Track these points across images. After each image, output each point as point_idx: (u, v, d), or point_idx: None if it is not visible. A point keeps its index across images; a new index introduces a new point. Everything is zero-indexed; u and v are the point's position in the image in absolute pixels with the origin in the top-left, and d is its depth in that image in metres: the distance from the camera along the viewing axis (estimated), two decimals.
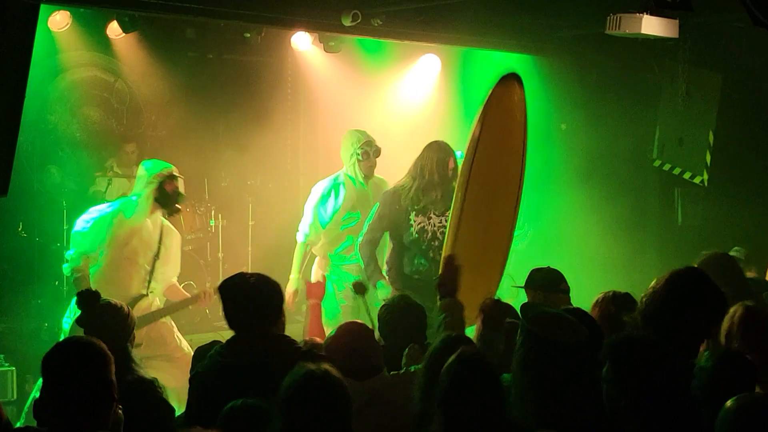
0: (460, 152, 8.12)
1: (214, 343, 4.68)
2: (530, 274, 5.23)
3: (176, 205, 6.67)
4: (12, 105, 5.42)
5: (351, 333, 4.22)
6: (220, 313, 9.59)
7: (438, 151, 6.71)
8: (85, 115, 9.71)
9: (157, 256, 6.66)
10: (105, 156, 9.61)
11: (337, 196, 7.31)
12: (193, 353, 4.97)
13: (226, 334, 4.11)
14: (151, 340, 6.54)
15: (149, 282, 6.66)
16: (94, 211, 6.63)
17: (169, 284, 6.91)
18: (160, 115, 9.98)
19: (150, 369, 6.30)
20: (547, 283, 5.10)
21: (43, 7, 7.66)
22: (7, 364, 7.59)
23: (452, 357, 3.27)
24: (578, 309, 4.05)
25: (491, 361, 3.39)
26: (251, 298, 3.96)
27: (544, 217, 9.10)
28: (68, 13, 8.29)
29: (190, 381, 4.10)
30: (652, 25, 6.01)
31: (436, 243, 6.53)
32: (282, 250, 10.16)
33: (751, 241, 8.04)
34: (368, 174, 7.34)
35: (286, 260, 10.24)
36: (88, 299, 4.61)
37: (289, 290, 7.14)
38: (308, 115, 10.37)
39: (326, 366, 3.23)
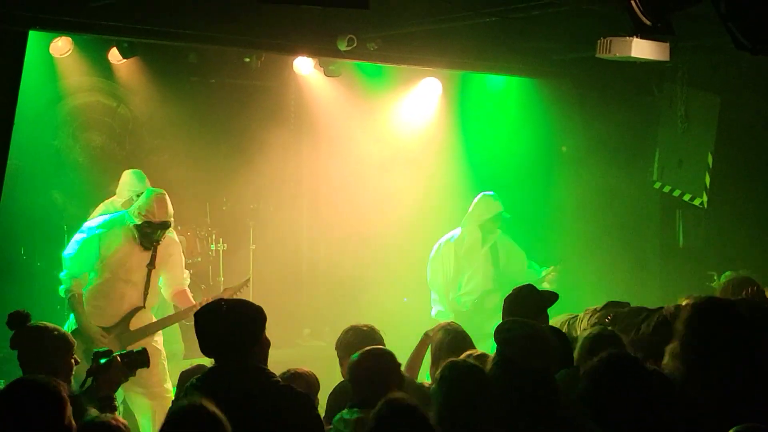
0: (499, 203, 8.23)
1: (199, 367, 4.68)
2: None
3: (146, 245, 6.51)
4: (0, 131, 5.47)
5: (373, 358, 4.18)
6: None
7: None
8: (88, 140, 9.77)
9: (152, 265, 6.56)
10: (107, 180, 9.66)
11: None
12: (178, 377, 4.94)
13: None
14: None
15: (146, 295, 6.58)
16: (85, 229, 6.58)
17: (178, 291, 6.78)
18: (162, 139, 10.03)
19: (131, 400, 6.35)
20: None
21: (44, 34, 7.83)
22: None
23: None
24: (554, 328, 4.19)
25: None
26: (224, 326, 3.83)
27: (545, 240, 9.11)
28: (70, 39, 8.37)
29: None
30: (642, 49, 6.00)
31: None
32: (283, 273, 10.23)
33: (752, 262, 7.99)
34: None
35: (287, 284, 10.31)
36: (17, 320, 4.53)
37: None
38: (310, 139, 10.41)
39: (204, 401, 3.16)
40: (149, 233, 6.45)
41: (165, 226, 6.52)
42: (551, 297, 5.20)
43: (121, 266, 6.49)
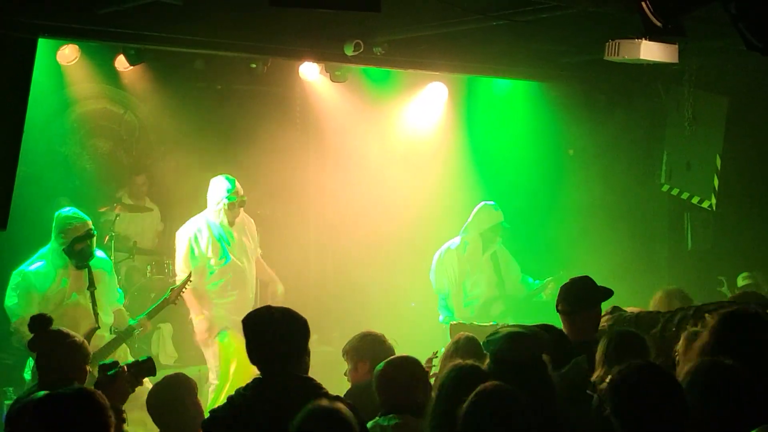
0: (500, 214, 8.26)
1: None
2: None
3: (84, 263, 6.53)
4: (11, 139, 5.49)
5: (399, 367, 4.21)
6: None
7: None
8: (95, 147, 9.79)
9: (92, 286, 6.56)
10: (115, 187, 9.68)
11: None
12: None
13: None
14: None
15: (96, 314, 6.56)
16: (16, 274, 6.57)
17: (114, 309, 6.88)
18: (169, 145, 10.04)
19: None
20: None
21: (51, 42, 7.84)
22: (15, 397, 7.60)
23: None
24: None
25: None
26: (273, 334, 3.82)
27: (552, 243, 9.11)
28: (76, 46, 8.39)
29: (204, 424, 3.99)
30: (651, 51, 6.00)
31: None
32: (290, 279, 10.20)
33: (761, 263, 7.99)
34: None
35: (294, 289, 10.29)
36: (39, 323, 4.61)
37: None
38: (316, 144, 10.41)
39: (339, 404, 3.21)
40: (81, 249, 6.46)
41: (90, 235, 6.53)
42: (607, 292, 5.18)
43: (69, 298, 6.51)
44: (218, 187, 7.57)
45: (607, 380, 3.36)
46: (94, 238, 6.64)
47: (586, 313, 5.05)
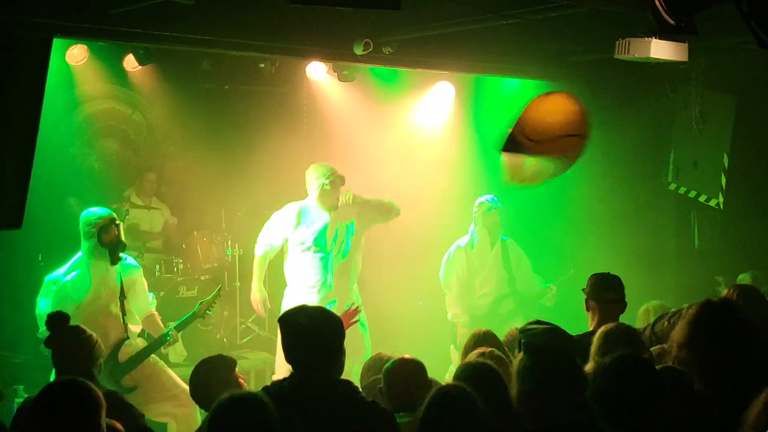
0: (493, 196, 8.31)
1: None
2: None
3: (117, 255, 6.55)
4: (26, 138, 5.52)
5: (409, 367, 4.24)
6: (238, 341, 9.70)
7: None
8: (103, 147, 9.82)
9: (123, 296, 6.58)
10: (123, 186, 9.71)
11: None
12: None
13: (244, 363, 4.04)
14: (145, 382, 6.53)
15: (125, 325, 6.59)
16: (50, 282, 6.58)
17: (147, 315, 6.89)
18: (177, 146, 10.07)
19: (151, 413, 6.36)
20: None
21: (60, 42, 7.86)
22: (26, 395, 7.63)
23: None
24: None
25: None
26: (307, 335, 3.79)
27: (559, 242, 9.12)
28: (85, 46, 8.43)
29: None
30: (661, 49, 6.03)
31: None
32: None
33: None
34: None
35: None
36: (56, 320, 4.69)
37: None
38: (324, 144, 10.42)
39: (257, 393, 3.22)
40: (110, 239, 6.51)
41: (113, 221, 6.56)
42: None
43: (100, 302, 6.53)
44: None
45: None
46: (121, 226, 6.64)
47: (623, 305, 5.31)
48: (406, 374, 4.21)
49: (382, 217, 8.01)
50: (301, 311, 3.91)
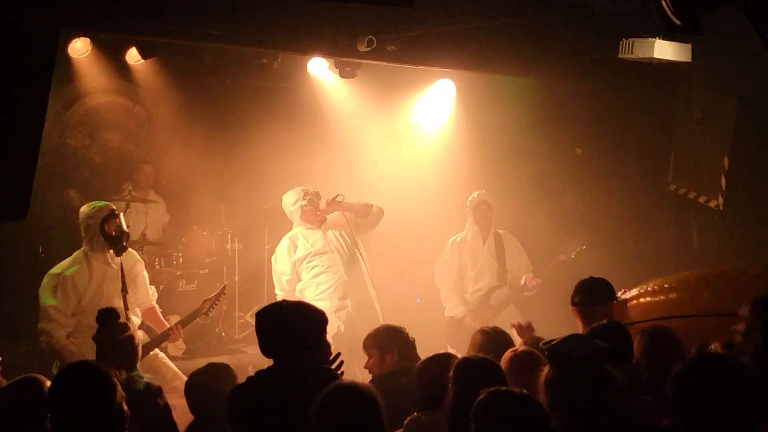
0: (483, 191, 8.37)
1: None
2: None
3: (123, 245, 6.53)
4: (32, 130, 5.52)
5: (442, 364, 4.20)
6: (236, 336, 9.70)
7: None
8: (104, 140, 9.84)
9: (124, 289, 6.58)
10: (123, 180, 9.72)
11: None
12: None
13: (242, 357, 4.11)
14: (146, 373, 6.53)
15: (128, 318, 6.48)
16: (55, 278, 6.53)
17: (147, 308, 6.89)
18: (178, 139, 10.06)
19: None
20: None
21: (63, 35, 7.86)
22: None
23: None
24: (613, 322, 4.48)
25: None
26: (284, 326, 3.87)
27: (559, 242, 9.13)
28: (88, 40, 8.40)
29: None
30: (664, 50, 6.05)
31: None
32: None
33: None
34: None
35: None
36: (107, 317, 4.84)
37: None
38: (324, 140, 10.43)
39: (360, 383, 3.28)
40: (112, 230, 6.50)
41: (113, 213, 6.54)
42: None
43: (105, 295, 6.52)
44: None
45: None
46: (122, 216, 6.63)
47: (602, 306, 5.23)
48: (443, 372, 4.10)
49: (365, 220, 7.99)
50: (278, 305, 4.04)
